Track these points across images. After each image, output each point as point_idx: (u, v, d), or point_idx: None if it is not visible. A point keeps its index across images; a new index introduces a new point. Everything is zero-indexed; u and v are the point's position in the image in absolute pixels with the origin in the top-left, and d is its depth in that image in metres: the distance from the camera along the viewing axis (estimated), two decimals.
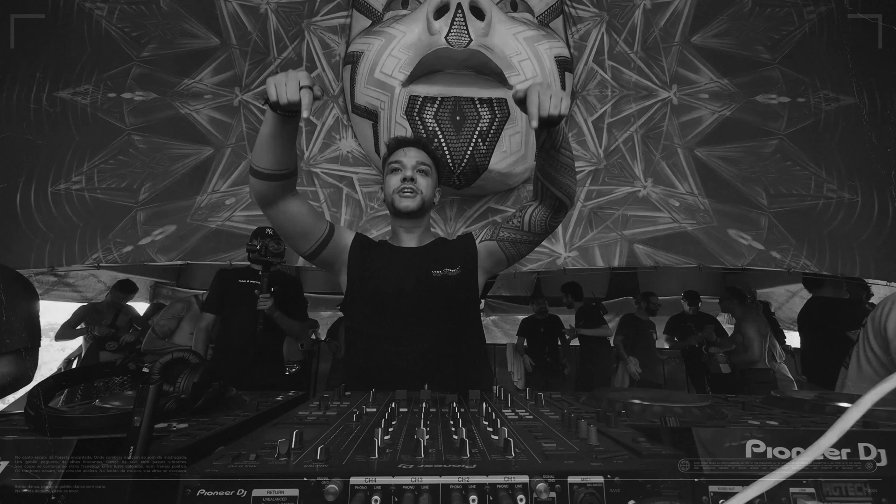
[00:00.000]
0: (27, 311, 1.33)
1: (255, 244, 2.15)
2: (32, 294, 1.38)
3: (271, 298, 2.14)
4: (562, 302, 4.30)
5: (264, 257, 2.13)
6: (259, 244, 2.13)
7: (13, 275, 1.36)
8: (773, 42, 2.60)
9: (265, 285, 2.15)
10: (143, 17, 2.51)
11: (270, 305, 2.13)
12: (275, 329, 2.25)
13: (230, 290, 2.31)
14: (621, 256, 2.52)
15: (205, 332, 2.31)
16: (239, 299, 2.27)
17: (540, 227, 1.23)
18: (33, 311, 1.36)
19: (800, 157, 2.54)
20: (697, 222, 2.53)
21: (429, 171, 1.30)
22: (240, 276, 2.33)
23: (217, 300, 2.32)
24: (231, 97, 2.58)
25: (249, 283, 2.27)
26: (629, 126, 2.62)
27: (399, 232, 1.32)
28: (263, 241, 2.14)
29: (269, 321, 2.17)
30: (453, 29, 2.06)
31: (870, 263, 2.40)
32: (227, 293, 2.31)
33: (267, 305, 2.12)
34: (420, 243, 1.31)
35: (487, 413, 0.71)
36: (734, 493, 0.40)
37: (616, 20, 2.64)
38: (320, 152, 2.59)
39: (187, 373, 0.77)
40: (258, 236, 2.24)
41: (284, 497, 0.43)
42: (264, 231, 2.27)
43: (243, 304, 2.23)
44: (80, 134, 2.43)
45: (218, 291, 2.33)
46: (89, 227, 2.37)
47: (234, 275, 2.35)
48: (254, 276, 2.28)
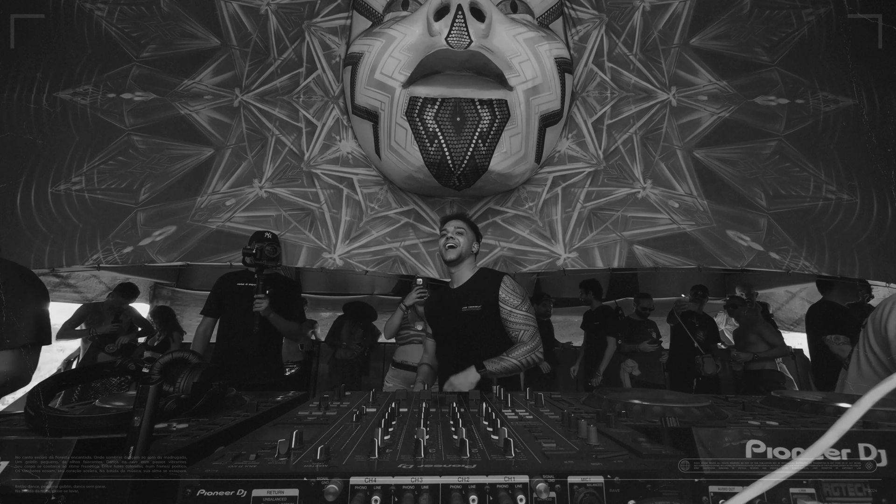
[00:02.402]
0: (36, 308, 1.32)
1: (250, 248, 2.17)
2: (42, 292, 1.37)
3: (266, 300, 2.16)
4: (580, 300, 4.26)
5: (259, 260, 2.15)
6: (255, 248, 2.15)
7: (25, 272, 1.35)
8: (771, 44, 2.60)
9: (260, 287, 2.17)
10: (143, 17, 2.51)
11: (266, 307, 2.15)
12: (272, 330, 2.26)
13: (228, 293, 2.33)
14: (621, 257, 2.52)
15: (202, 336, 2.33)
16: (237, 302, 2.28)
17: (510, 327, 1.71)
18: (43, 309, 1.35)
19: (799, 159, 2.55)
20: (696, 223, 2.53)
21: (464, 231, 1.76)
22: (239, 280, 2.34)
23: (215, 304, 2.34)
24: (231, 98, 2.58)
25: (248, 285, 2.28)
26: (628, 127, 2.63)
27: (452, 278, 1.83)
28: (259, 245, 2.16)
29: (266, 322, 2.19)
30: (454, 30, 2.06)
31: (869, 264, 2.40)
32: (226, 296, 2.33)
33: (262, 307, 2.14)
34: (458, 284, 1.78)
35: (487, 413, 0.71)
36: (734, 493, 0.40)
37: (615, 22, 2.65)
38: (320, 153, 2.59)
39: (187, 373, 0.76)
40: (255, 240, 2.25)
41: (284, 497, 0.43)
42: (262, 234, 2.28)
43: (241, 306, 2.24)
44: (80, 134, 2.43)
45: (216, 295, 2.36)
46: (89, 228, 2.37)
47: (233, 278, 2.36)
48: (251, 278, 2.29)
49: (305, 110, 2.60)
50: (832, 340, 2.76)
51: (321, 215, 2.56)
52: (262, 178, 2.55)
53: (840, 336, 2.73)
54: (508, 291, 1.68)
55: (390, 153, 2.31)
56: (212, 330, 2.37)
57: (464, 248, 1.74)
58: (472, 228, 1.81)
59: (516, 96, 2.18)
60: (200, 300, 5.05)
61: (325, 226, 2.55)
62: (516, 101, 2.18)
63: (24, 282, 1.32)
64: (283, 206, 2.54)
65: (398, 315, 2.69)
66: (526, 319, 1.66)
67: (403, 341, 2.71)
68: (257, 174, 2.55)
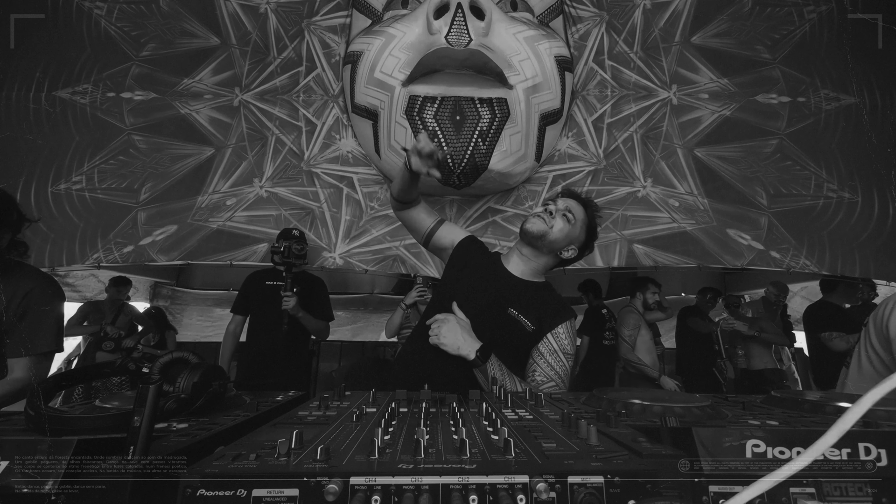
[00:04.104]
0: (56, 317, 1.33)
1: (279, 246, 2.18)
2: (63, 300, 1.38)
3: (294, 298, 2.17)
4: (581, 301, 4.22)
5: (287, 258, 2.16)
6: (283, 246, 2.16)
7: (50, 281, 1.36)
8: (773, 42, 2.60)
9: (288, 285, 2.18)
10: (142, 16, 2.51)
11: (294, 305, 2.16)
12: (301, 328, 2.27)
13: (257, 292, 2.35)
14: (621, 256, 2.52)
15: (232, 335, 2.35)
16: (266, 300, 2.30)
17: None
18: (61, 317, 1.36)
19: (800, 157, 2.54)
20: (697, 222, 2.53)
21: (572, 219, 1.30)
22: (267, 278, 2.36)
23: (244, 302, 2.36)
24: (231, 97, 2.58)
25: (276, 284, 2.30)
26: (629, 126, 2.62)
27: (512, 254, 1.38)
28: (287, 243, 2.17)
29: (294, 321, 2.20)
30: (453, 28, 2.06)
31: (870, 263, 2.40)
32: (253, 294, 2.35)
33: (290, 305, 2.15)
34: (522, 275, 1.34)
35: (487, 413, 0.71)
36: (734, 493, 0.40)
37: (616, 20, 2.64)
38: (320, 152, 2.59)
39: (187, 373, 0.76)
40: (283, 238, 2.26)
41: (284, 497, 0.43)
42: (290, 232, 2.29)
43: (269, 304, 2.27)
44: (80, 134, 2.43)
45: (244, 293, 2.37)
46: (90, 227, 2.37)
47: (262, 276, 2.38)
48: (279, 276, 2.31)
49: (305, 109, 2.60)
50: (827, 338, 2.77)
51: (321, 214, 2.56)
52: (263, 177, 2.55)
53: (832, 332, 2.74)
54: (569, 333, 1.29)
55: (390, 152, 2.30)
56: (241, 328, 2.40)
57: (558, 236, 1.28)
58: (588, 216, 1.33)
59: (516, 95, 2.17)
60: (201, 300, 5.09)
61: (325, 225, 2.55)
62: (516, 99, 2.18)
63: (49, 290, 1.34)
64: (284, 205, 2.54)
65: (399, 314, 2.69)
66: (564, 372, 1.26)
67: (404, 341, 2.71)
68: (257, 173, 2.55)
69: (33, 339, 1.25)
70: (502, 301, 1.28)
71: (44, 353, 1.29)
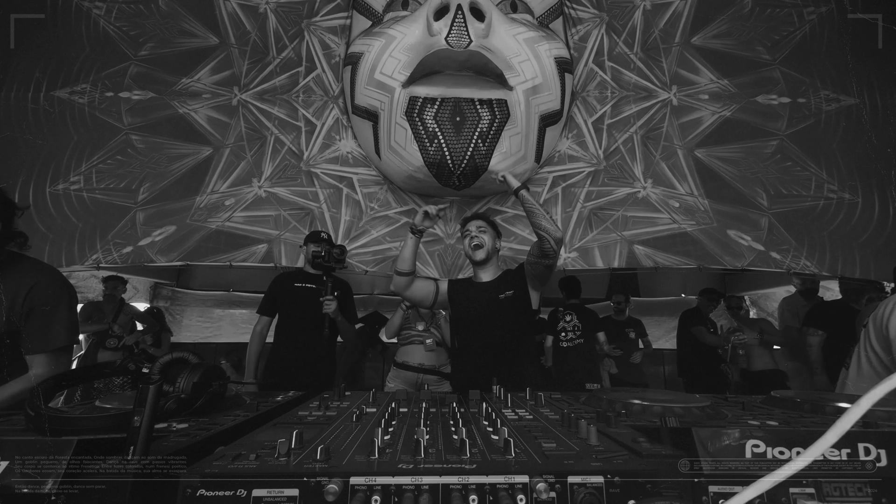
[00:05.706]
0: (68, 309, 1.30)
1: (319, 251, 2.17)
2: (73, 293, 1.34)
3: (335, 302, 2.16)
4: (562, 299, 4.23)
5: (328, 263, 2.15)
6: (323, 250, 2.15)
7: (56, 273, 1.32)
8: (773, 42, 2.60)
9: (329, 289, 2.17)
10: (141, 16, 2.51)
11: (335, 308, 2.15)
12: (335, 332, 2.28)
13: (285, 293, 2.33)
14: (621, 257, 2.52)
15: (259, 336, 2.34)
16: (295, 302, 2.29)
17: (536, 250, 1.68)
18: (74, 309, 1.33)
19: (800, 158, 2.54)
20: (697, 223, 2.53)
21: (486, 230, 1.80)
22: (295, 280, 2.35)
23: (271, 304, 2.35)
24: (230, 97, 2.58)
25: (305, 286, 2.29)
26: (629, 127, 2.63)
27: (477, 273, 1.85)
28: (327, 248, 2.16)
29: (333, 324, 2.20)
30: (453, 30, 2.06)
31: (870, 263, 2.40)
32: (282, 296, 2.34)
33: (331, 309, 2.14)
34: (492, 278, 1.82)
35: (487, 413, 0.71)
36: (734, 493, 0.40)
37: (616, 21, 2.64)
38: (320, 153, 2.59)
39: (187, 373, 0.76)
40: (316, 241, 2.25)
41: (284, 497, 0.43)
42: (319, 235, 2.29)
43: (297, 306, 2.26)
44: (79, 133, 2.43)
45: (271, 295, 2.36)
46: (88, 228, 2.37)
47: (289, 278, 2.37)
48: (308, 279, 2.30)
49: (305, 109, 2.60)
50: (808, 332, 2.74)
51: (321, 215, 2.56)
52: (262, 177, 2.55)
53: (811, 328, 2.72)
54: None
55: (390, 153, 2.30)
56: (268, 329, 2.38)
57: (490, 247, 1.79)
58: (492, 226, 1.86)
59: (516, 96, 2.18)
60: (201, 300, 5.09)
61: (325, 225, 2.55)
62: (516, 100, 2.18)
63: (56, 283, 1.30)
64: (283, 205, 2.54)
65: (399, 315, 2.69)
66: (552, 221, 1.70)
67: (405, 341, 2.71)
68: (256, 173, 2.55)
69: (46, 335, 1.22)
70: (493, 297, 1.74)
71: (60, 348, 1.26)
